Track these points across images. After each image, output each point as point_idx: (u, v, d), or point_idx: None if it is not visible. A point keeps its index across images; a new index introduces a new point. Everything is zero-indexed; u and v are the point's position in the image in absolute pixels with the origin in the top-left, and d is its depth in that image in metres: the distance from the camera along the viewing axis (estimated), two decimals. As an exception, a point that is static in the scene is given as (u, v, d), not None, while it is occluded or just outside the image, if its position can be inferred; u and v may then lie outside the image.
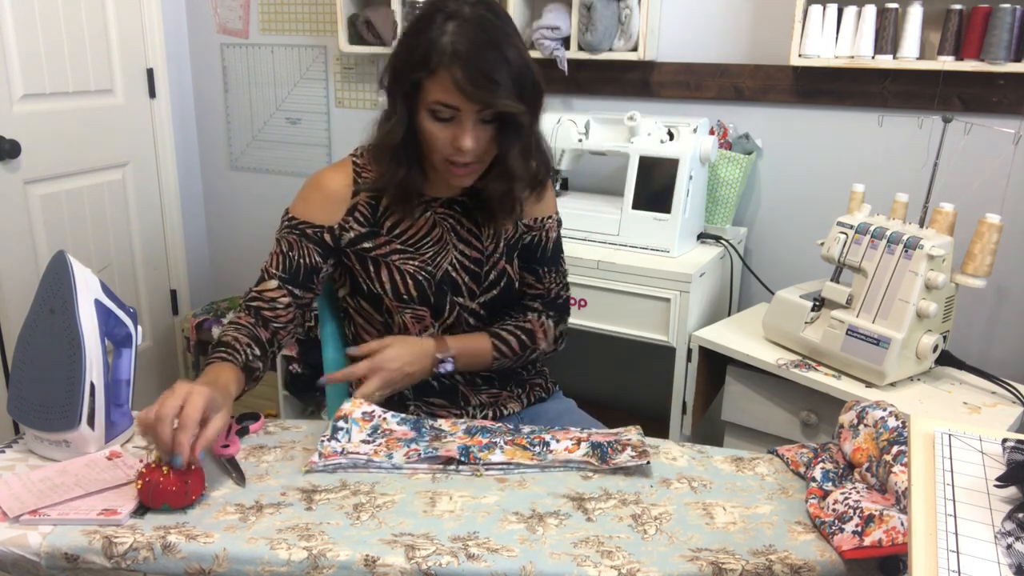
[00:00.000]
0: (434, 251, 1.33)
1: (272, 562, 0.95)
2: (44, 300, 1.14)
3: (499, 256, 1.38)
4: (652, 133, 2.03)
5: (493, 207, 1.34)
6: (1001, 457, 0.84)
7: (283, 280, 1.30)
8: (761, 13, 2.14)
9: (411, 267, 1.32)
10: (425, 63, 1.14)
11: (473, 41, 1.13)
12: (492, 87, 1.13)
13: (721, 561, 0.96)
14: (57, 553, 0.97)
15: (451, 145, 1.19)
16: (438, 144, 1.20)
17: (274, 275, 1.30)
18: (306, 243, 1.31)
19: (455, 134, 1.18)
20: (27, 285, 2.40)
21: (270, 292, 1.30)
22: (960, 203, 1.56)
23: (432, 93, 1.16)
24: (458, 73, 1.12)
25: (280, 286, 1.30)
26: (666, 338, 1.92)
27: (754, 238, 2.30)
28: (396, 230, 1.32)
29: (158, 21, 2.79)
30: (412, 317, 1.34)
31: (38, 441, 1.16)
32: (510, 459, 1.16)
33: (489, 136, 1.21)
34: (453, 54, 1.12)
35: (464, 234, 1.36)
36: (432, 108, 1.17)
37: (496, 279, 1.38)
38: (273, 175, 3.00)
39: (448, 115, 1.17)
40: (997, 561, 0.69)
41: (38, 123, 2.43)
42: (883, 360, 1.51)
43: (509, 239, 1.40)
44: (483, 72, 1.12)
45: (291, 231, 1.31)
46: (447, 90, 1.14)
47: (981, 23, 1.80)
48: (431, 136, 1.20)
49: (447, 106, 1.16)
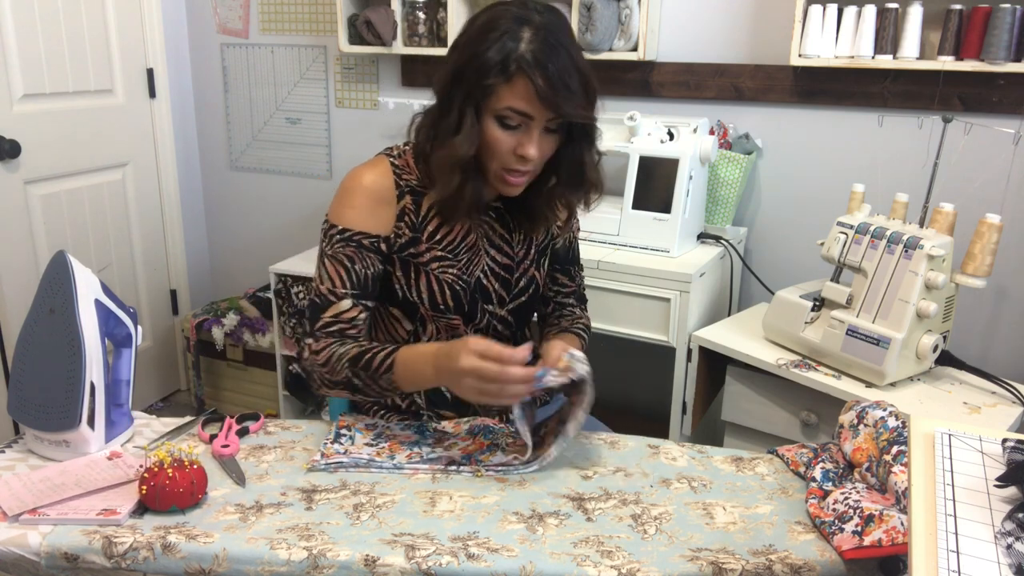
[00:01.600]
0: (468, 257, 1.30)
1: (272, 562, 0.95)
2: (44, 300, 1.14)
3: (529, 263, 1.37)
4: (652, 133, 2.03)
5: (536, 213, 1.32)
6: (1001, 457, 0.84)
7: (356, 296, 1.23)
8: (761, 13, 2.14)
9: (449, 276, 1.28)
10: (503, 69, 1.12)
11: (551, 48, 1.12)
12: (569, 95, 1.13)
13: (721, 561, 0.96)
14: (57, 553, 0.97)
15: (513, 153, 1.18)
16: (501, 151, 1.18)
17: (345, 295, 1.23)
18: (366, 254, 1.24)
19: (520, 142, 1.17)
20: (27, 285, 2.40)
21: (347, 313, 1.23)
22: (960, 203, 1.56)
23: (505, 100, 1.14)
24: (539, 80, 1.11)
25: (355, 303, 1.23)
26: (666, 338, 1.92)
27: (754, 238, 2.30)
28: (436, 236, 1.29)
29: (158, 21, 2.79)
30: (446, 325, 1.32)
31: (38, 441, 1.16)
32: (512, 459, 1.16)
33: (552, 145, 1.20)
34: (534, 61, 1.11)
35: (496, 240, 1.34)
36: (502, 115, 1.15)
37: (525, 286, 1.37)
38: (273, 175, 3.00)
39: (516, 123, 1.16)
40: (997, 561, 0.69)
41: (38, 123, 2.43)
42: (883, 360, 1.51)
43: (539, 245, 1.39)
44: (562, 80, 1.12)
45: (346, 244, 1.23)
46: (523, 97, 1.13)
47: (981, 23, 1.80)
48: (495, 143, 1.17)
49: (520, 113, 1.14)
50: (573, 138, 1.21)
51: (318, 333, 1.22)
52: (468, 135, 1.16)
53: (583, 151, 1.23)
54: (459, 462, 1.16)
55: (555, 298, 1.46)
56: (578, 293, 1.49)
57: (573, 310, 1.46)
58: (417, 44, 2.42)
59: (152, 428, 1.28)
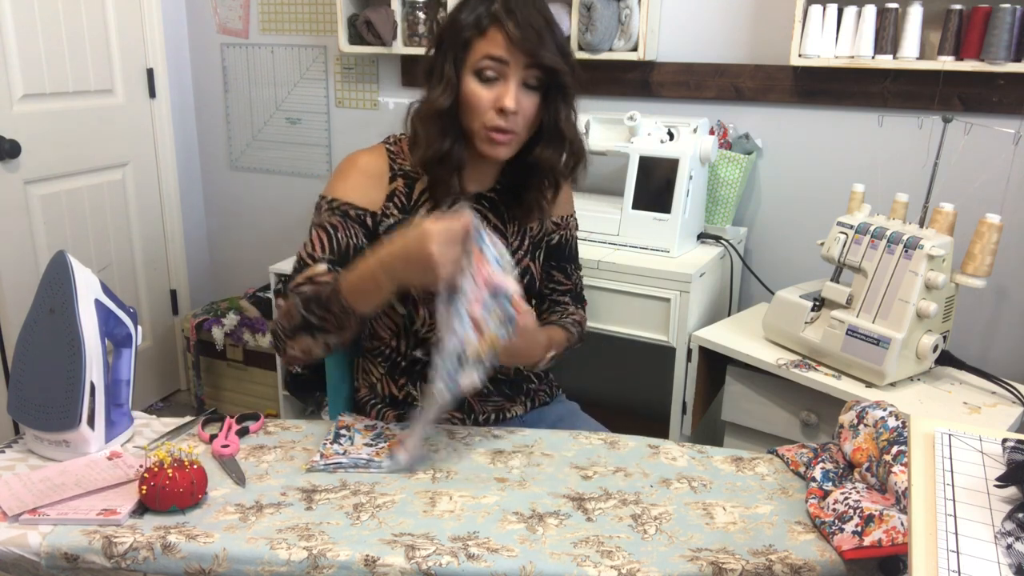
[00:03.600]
0: None
1: (272, 562, 0.95)
2: (44, 300, 1.14)
3: (523, 254, 1.39)
4: (652, 133, 2.03)
5: (528, 196, 1.35)
6: (1001, 457, 0.84)
7: (332, 263, 1.25)
8: (761, 13, 2.14)
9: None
10: (477, 24, 1.21)
11: (520, 2, 1.21)
12: (540, 41, 1.20)
13: (721, 561, 0.96)
14: (57, 553, 0.97)
15: (494, 107, 1.22)
16: (482, 107, 1.22)
17: (321, 259, 1.25)
18: (351, 224, 1.28)
19: (498, 94, 1.21)
20: (27, 285, 2.40)
21: (321, 276, 1.23)
22: (960, 203, 1.56)
23: (481, 50, 1.21)
24: (509, 26, 1.19)
25: (330, 269, 1.24)
26: (666, 338, 1.91)
27: (754, 238, 2.30)
28: None
29: (158, 21, 2.79)
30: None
31: (38, 441, 1.16)
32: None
33: (533, 104, 1.24)
34: (505, 11, 1.19)
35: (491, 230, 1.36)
36: (479, 68, 1.21)
37: (519, 276, 1.37)
38: (273, 175, 3.00)
39: (494, 73, 1.21)
40: (997, 561, 0.69)
41: (38, 123, 2.43)
42: (883, 360, 1.51)
43: (534, 237, 1.41)
44: (532, 26, 1.19)
45: (333, 213, 1.28)
46: (497, 44, 1.20)
47: (981, 23, 1.80)
48: (475, 98, 1.22)
49: (495, 59, 1.20)
50: (549, 98, 1.26)
51: (289, 293, 1.23)
52: (445, 86, 1.23)
53: (559, 107, 1.27)
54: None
55: (550, 296, 1.48)
56: (575, 293, 1.50)
57: (567, 307, 1.47)
58: (417, 44, 2.42)
59: (152, 428, 1.28)
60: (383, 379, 1.41)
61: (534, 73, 1.22)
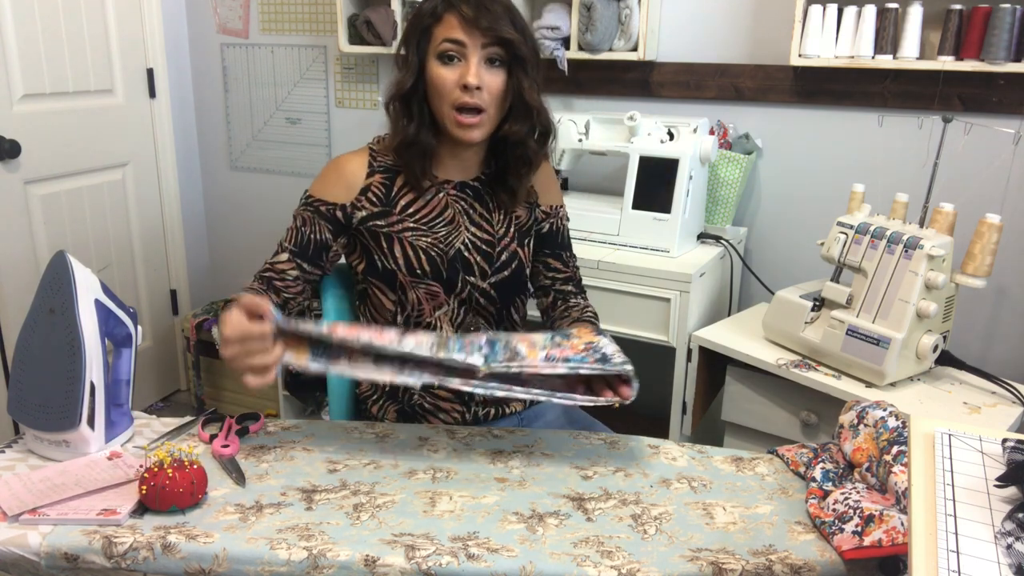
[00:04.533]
0: (446, 231, 1.37)
1: (272, 562, 0.95)
2: (44, 300, 1.14)
3: (510, 240, 1.42)
4: (652, 133, 2.03)
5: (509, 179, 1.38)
6: (1001, 457, 0.84)
7: (293, 253, 1.35)
8: (761, 13, 2.14)
9: (424, 243, 1.35)
10: (433, 12, 1.28)
11: None
12: (493, 17, 1.25)
13: (721, 561, 0.96)
14: (57, 553, 0.97)
15: (458, 86, 1.26)
16: (447, 87, 1.27)
17: (286, 248, 1.36)
18: (319, 220, 1.35)
19: (461, 73, 1.26)
20: (27, 285, 2.40)
21: (281, 264, 1.36)
22: (960, 203, 1.56)
23: (440, 35, 1.27)
24: (463, 8, 1.25)
25: (290, 259, 1.35)
26: (666, 338, 1.91)
27: (754, 238, 2.30)
28: (409, 209, 1.36)
29: (158, 21, 2.79)
30: (426, 293, 1.36)
31: (38, 441, 1.16)
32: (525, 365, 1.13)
33: (497, 80, 1.28)
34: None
35: (476, 218, 1.40)
36: (440, 51, 1.27)
37: (508, 260, 1.41)
38: (273, 175, 3.00)
39: (455, 53, 1.26)
40: (997, 561, 0.69)
41: (38, 123, 2.43)
42: (883, 360, 1.51)
43: (521, 225, 1.44)
44: (483, 5, 1.25)
45: (306, 208, 1.37)
46: (452, 27, 1.26)
47: (981, 23, 1.80)
48: (439, 80, 1.27)
49: (454, 42, 1.26)
50: (512, 73, 1.30)
51: (257, 276, 1.37)
52: (408, 69, 1.30)
53: (521, 79, 1.30)
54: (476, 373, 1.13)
55: (553, 286, 1.50)
56: (575, 279, 1.53)
57: (577, 299, 1.49)
58: (417, 44, 2.42)
59: (152, 428, 1.28)
60: None
61: (495, 50, 1.27)
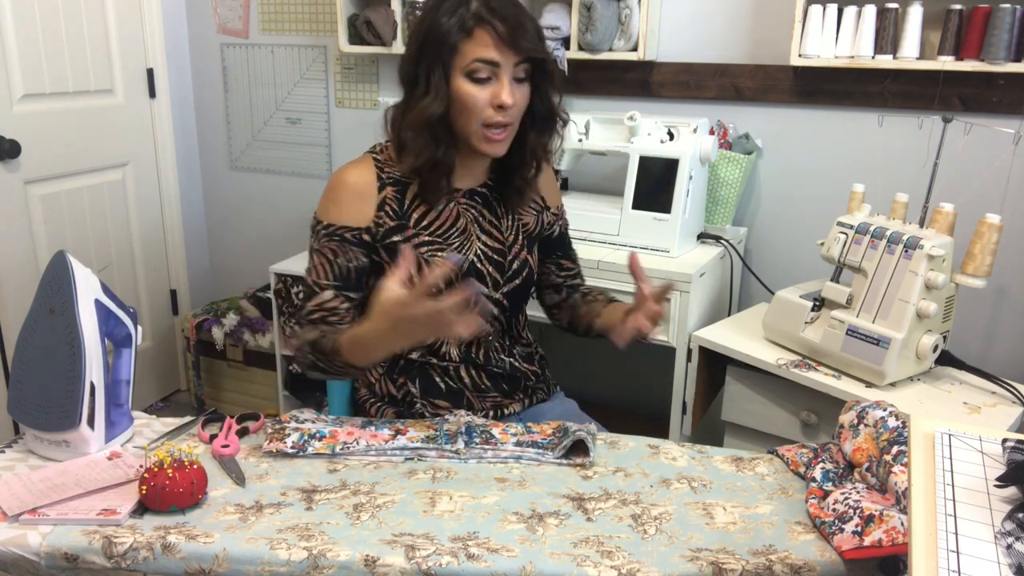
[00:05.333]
0: (460, 241, 1.35)
1: (272, 562, 0.95)
2: (44, 300, 1.14)
3: (520, 247, 1.42)
4: (652, 133, 2.03)
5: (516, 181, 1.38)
6: (1001, 457, 0.84)
7: (338, 288, 1.29)
8: (761, 13, 2.14)
9: (440, 259, 1.33)
10: (462, 27, 1.21)
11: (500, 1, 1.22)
12: (526, 34, 1.22)
13: (721, 561, 0.96)
14: (57, 553, 0.97)
15: (491, 105, 1.24)
16: (478, 107, 1.23)
17: (327, 286, 1.29)
18: (349, 247, 1.30)
19: (494, 92, 1.23)
20: (27, 285, 2.40)
21: (330, 303, 1.28)
22: (960, 203, 1.56)
23: (471, 53, 1.21)
24: (499, 27, 1.20)
25: (337, 294, 1.29)
26: (666, 338, 1.91)
27: (754, 238, 2.30)
28: (423, 222, 1.34)
29: (158, 21, 2.79)
30: None
31: (38, 441, 1.16)
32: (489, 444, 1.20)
33: (524, 95, 1.27)
34: (490, 12, 1.20)
35: (486, 225, 1.39)
36: (471, 69, 1.22)
37: (519, 268, 1.41)
38: (273, 175, 3.00)
39: (486, 74, 1.23)
40: (997, 561, 0.69)
41: (38, 123, 2.43)
42: (883, 360, 1.51)
43: (529, 232, 1.44)
44: (517, 21, 1.21)
45: (330, 239, 1.30)
46: (487, 45, 1.21)
47: (981, 23, 1.80)
48: (471, 99, 1.23)
49: (487, 63, 1.22)
50: (536, 84, 1.29)
51: (303, 320, 1.29)
52: (436, 94, 1.23)
53: (549, 93, 1.30)
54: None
55: (564, 283, 1.55)
56: (580, 273, 1.59)
57: (586, 286, 1.56)
58: (417, 44, 2.42)
59: (152, 428, 1.28)
60: (382, 379, 1.42)
61: (523, 67, 1.25)
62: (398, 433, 1.23)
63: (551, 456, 1.18)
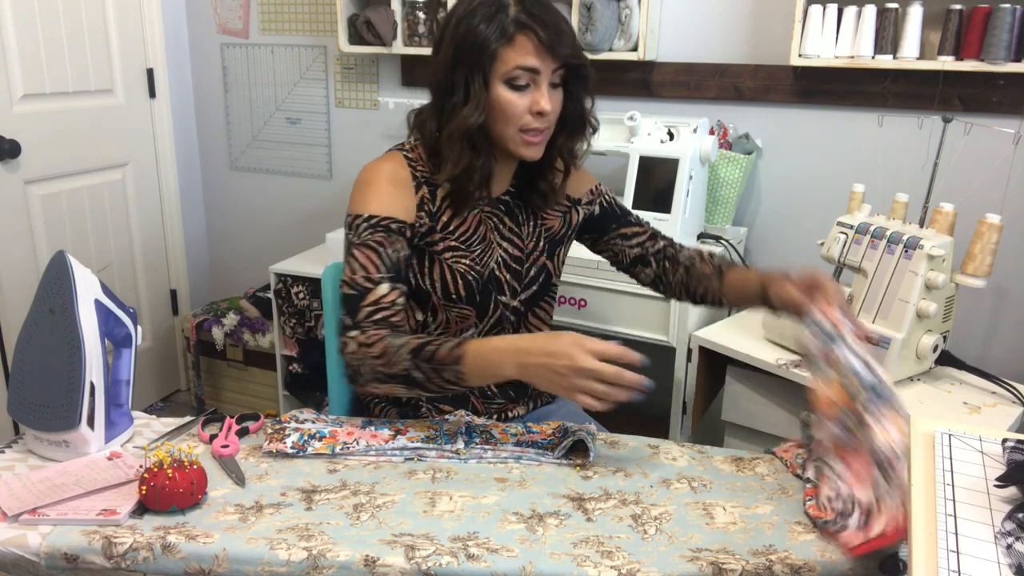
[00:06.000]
0: (481, 249, 1.33)
1: (272, 562, 0.95)
2: (44, 300, 1.14)
3: (539, 253, 1.40)
4: (652, 133, 2.03)
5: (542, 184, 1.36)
6: (1001, 457, 0.84)
7: (392, 279, 1.22)
8: (761, 13, 2.14)
9: (462, 266, 1.30)
10: (502, 33, 1.19)
11: (538, 5, 1.21)
12: (567, 41, 1.21)
13: (721, 561, 0.96)
14: (57, 553, 0.97)
15: (529, 112, 1.23)
16: (516, 113, 1.22)
17: (381, 279, 1.21)
18: (395, 237, 1.24)
19: (533, 99, 1.22)
20: (27, 285, 2.40)
21: (387, 297, 1.21)
22: (960, 203, 1.56)
23: (511, 60, 1.20)
24: (541, 33, 1.18)
25: (392, 286, 1.22)
26: (666, 338, 1.91)
27: (754, 238, 2.30)
28: (450, 227, 1.31)
29: (158, 21, 2.79)
30: (457, 315, 1.33)
31: (38, 441, 1.16)
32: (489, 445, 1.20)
33: (560, 100, 1.26)
34: (530, 18, 1.18)
35: (506, 232, 1.37)
36: (511, 76, 1.20)
37: (535, 275, 1.39)
38: (273, 175, 3.00)
39: (526, 81, 1.21)
40: (997, 561, 0.69)
41: (38, 123, 2.43)
42: (883, 360, 1.51)
43: (553, 235, 1.41)
44: (557, 27, 1.20)
45: (375, 230, 1.23)
46: (529, 52, 1.19)
47: (981, 23, 1.80)
48: (510, 106, 1.22)
49: (528, 69, 1.20)
50: (570, 89, 1.27)
51: (363, 324, 1.19)
52: (476, 103, 1.21)
53: (582, 97, 1.29)
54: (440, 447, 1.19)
55: (647, 253, 1.47)
56: (655, 232, 1.49)
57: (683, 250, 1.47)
58: (417, 44, 2.42)
59: (152, 428, 1.28)
60: None
61: (560, 72, 1.24)
62: (398, 433, 1.23)
63: (551, 456, 1.18)
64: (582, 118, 1.31)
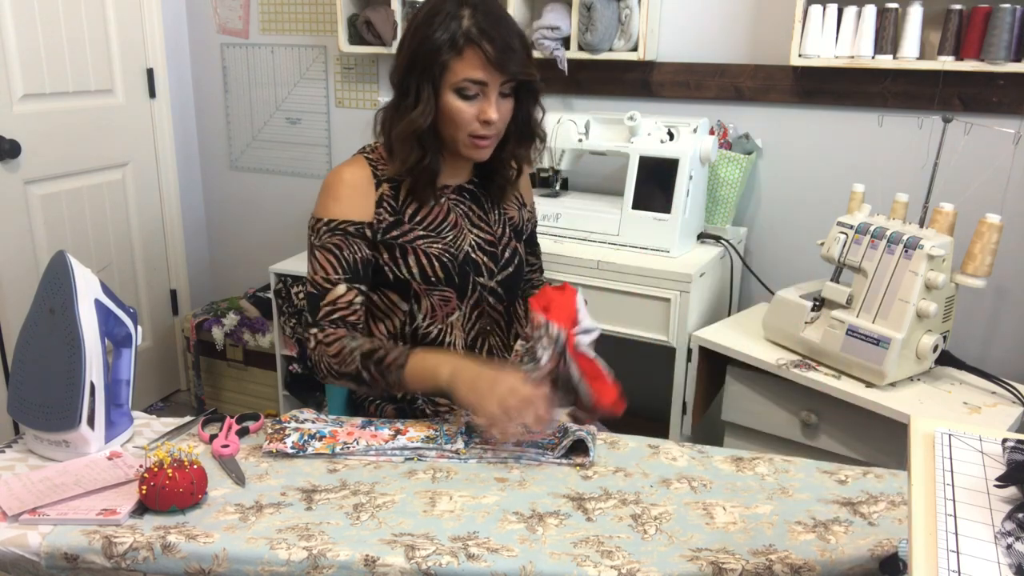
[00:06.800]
0: (453, 235, 1.39)
1: (272, 562, 0.95)
2: (44, 300, 1.14)
3: (508, 238, 1.46)
4: (652, 133, 2.03)
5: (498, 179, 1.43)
6: (1001, 457, 0.84)
7: (349, 280, 1.31)
8: (761, 13, 2.14)
9: (436, 250, 1.36)
10: (453, 45, 1.24)
11: (491, 19, 1.25)
12: (514, 56, 1.26)
13: (721, 561, 0.96)
14: (57, 553, 0.97)
15: (477, 120, 1.29)
16: (465, 120, 1.28)
17: (339, 280, 1.31)
18: (353, 240, 1.32)
19: (481, 108, 1.28)
20: (27, 285, 2.40)
21: (344, 297, 1.31)
22: (960, 203, 1.56)
23: (460, 72, 1.25)
24: (488, 49, 1.23)
25: (350, 287, 1.31)
26: (666, 338, 1.91)
27: (754, 238, 2.30)
28: (417, 217, 1.37)
29: (158, 21, 2.79)
30: (440, 299, 1.38)
31: (38, 441, 1.16)
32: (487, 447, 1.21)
33: (509, 108, 1.32)
34: (480, 33, 1.23)
35: (476, 220, 1.43)
36: (460, 87, 1.26)
37: (511, 257, 1.45)
38: (273, 175, 3.00)
39: (474, 92, 1.27)
40: (997, 561, 0.69)
41: (38, 123, 2.43)
42: (883, 360, 1.51)
43: (515, 225, 1.48)
44: (507, 44, 1.25)
45: (333, 233, 1.32)
46: (476, 66, 1.25)
47: (981, 23, 1.80)
48: (458, 114, 1.28)
49: (475, 82, 1.26)
50: (520, 99, 1.34)
51: (322, 323, 1.30)
52: (425, 108, 1.28)
53: (531, 108, 1.36)
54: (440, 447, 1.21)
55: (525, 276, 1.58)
56: (542, 267, 1.66)
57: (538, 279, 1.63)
58: (417, 44, 2.42)
59: (152, 428, 1.28)
60: None
61: (509, 84, 1.29)
62: (398, 433, 1.23)
63: (551, 456, 1.18)
64: (530, 128, 1.38)
